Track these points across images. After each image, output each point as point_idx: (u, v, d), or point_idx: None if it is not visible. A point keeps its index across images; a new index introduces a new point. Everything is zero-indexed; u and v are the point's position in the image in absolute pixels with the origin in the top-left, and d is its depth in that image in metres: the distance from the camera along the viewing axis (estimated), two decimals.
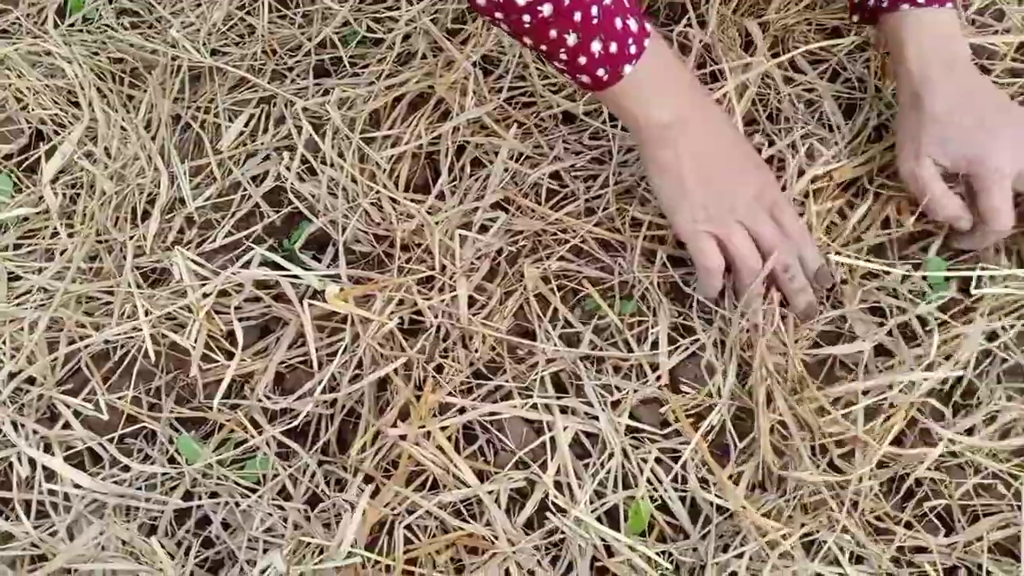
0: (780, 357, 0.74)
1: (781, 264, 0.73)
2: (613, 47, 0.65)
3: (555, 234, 0.83)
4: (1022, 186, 0.73)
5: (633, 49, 0.66)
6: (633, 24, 0.67)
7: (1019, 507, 0.67)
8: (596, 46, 0.65)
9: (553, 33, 0.64)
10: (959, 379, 0.73)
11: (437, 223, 0.81)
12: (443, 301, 0.78)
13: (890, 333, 0.76)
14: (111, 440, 0.75)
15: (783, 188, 0.80)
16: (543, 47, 0.66)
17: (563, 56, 0.66)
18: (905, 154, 0.76)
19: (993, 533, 0.67)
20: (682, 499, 0.72)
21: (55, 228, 0.87)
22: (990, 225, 0.73)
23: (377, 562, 0.67)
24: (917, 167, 0.75)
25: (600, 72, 0.66)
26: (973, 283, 0.75)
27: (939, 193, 0.75)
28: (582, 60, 0.65)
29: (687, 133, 0.71)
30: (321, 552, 0.67)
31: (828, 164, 0.83)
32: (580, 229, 0.82)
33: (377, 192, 0.84)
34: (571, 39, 0.64)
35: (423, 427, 0.72)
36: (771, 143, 0.85)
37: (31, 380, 0.78)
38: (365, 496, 0.67)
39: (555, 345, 0.77)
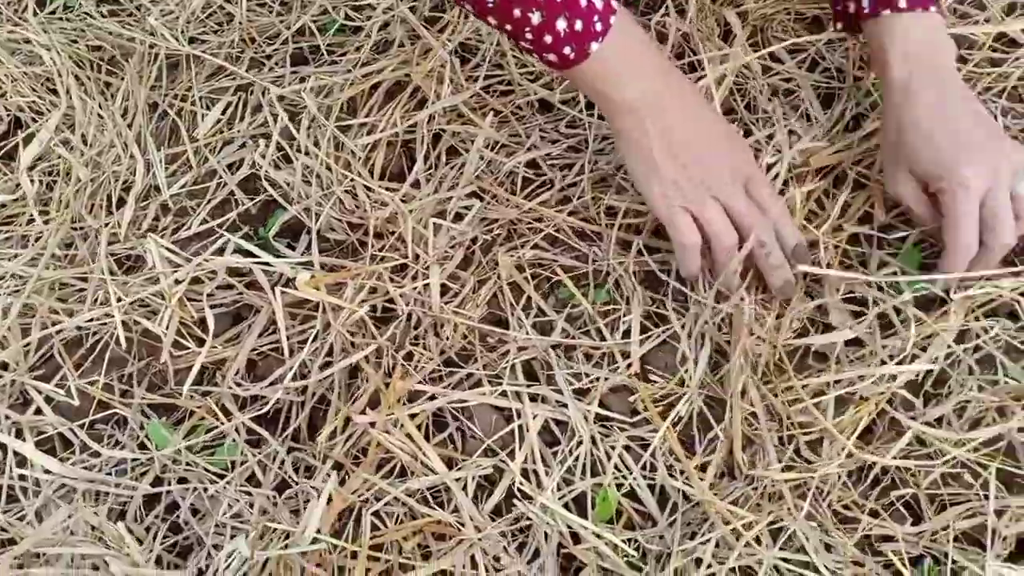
0: (756, 345, 0.74)
1: (757, 240, 0.73)
2: (578, 25, 0.65)
3: (530, 223, 0.83)
4: (983, 210, 0.70)
5: (599, 26, 0.66)
6: (598, 1, 0.66)
7: (986, 496, 0.67)
8: (561, 24, 0.64)
9: (517, 12, 0.64)
10: (934, 360, 0.73)
11: (410, 211, 0.81)
12: (415, 289, 0.78)
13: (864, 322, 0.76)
14: (81, 426, 0.75)
15: (774, 178, 0.81)
16: (508, 27, 0.65)
17: (528, 35, 0.65)
18: (887, 171, 0.76)
19: (960, 522, 0.67)
20: (651, 487, 0.71)
21: (31, 215, 0.87)
22: (947, 243, 0.71)
23: (343, 548, 0.67)
24: (898, 185, 0.75)
25: (566, 50, 0.66)
26: (953, 288, 0.74)
27: (921, 209, 0.74)
28: (547, 39, 0.65)
29: (656, 110, 0.70)
30: (287, 538, 0.67)
31: (804, 150, 0.82)
32: (555, 218, 0.82)
33: (351, 180, 0.83)
34: (535, 18, 0.64)
35: (391, 415, 0.72)
36: (748, 133, 0.85)
37: (3, 366, 0.79)
38: (331, 482, 0.67)
39: (527, 333, 0.77)
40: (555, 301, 0.80)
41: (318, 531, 0.66)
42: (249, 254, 0.77)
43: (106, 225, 0.84)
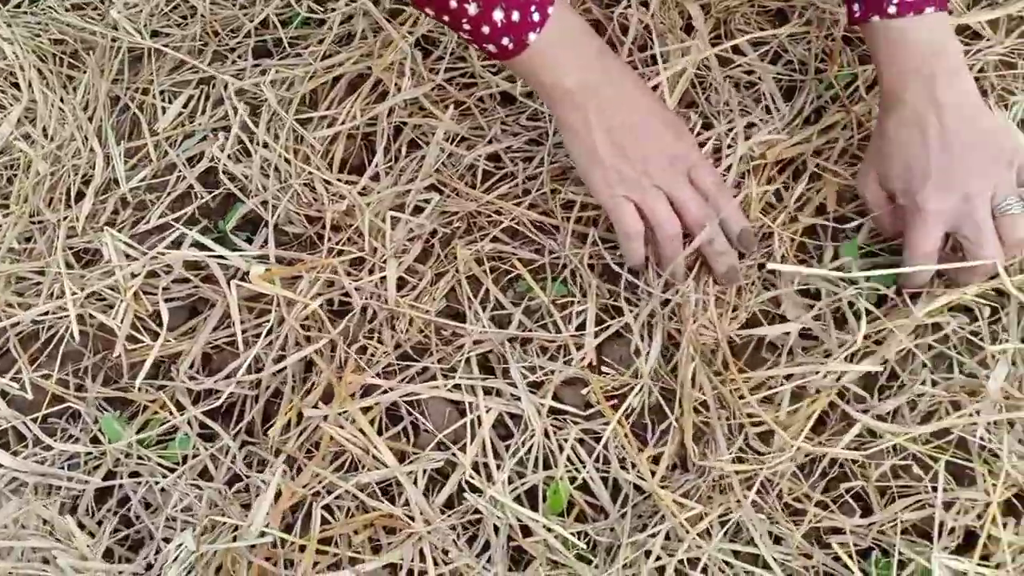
0: (709, 336, 0.74)
1: (699, 227, 0.73)
2: (515, 15, 0.65)
3: (490, 216, 0.83)
4: (960, 236, 0.69)
5: (536, 17, 0.66)
6: None
7: (935, 488, 0.67)
8: (498, 15, 0.64)
9: (453, 3, 0.63)
10: (884, 361, 0.73)
11: (368, 204, 0.81)
12: (372, 282, 0.78)
13: (819, 318, 0.76)
14: (35, 420, 0.75)
15: (727, 169, 0.81)
16: (445, 17, 0.65)
17: (466, 26, 0.65)
18: (861, 167, 0.76)
19: (908, 514, 0.67)
20: (604, 480, 0.71)
21: None
22: (907, 259, 0.71)
23: (292, 542, 0.67)
24: (864, 185, 0.74)
25: (505, 41, 0.66)
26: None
27: (880, 216, 0.74)
28: (485, 29, 0.65)
29: (598, 99, 0.70)
30: (236, 531, 0.67)
31: (762, 142, 0.82)
32: (513, 211, 0.82)
33: (309, 173, 0.83)
34: (472, 8, 0.64)
35: (344, 411, 0.72)
36: (709, 126, 0.85)
37: None
38: (277, 475, 0.67)
39: (483, 326, 0.77)
40: (514, 294, 0.80)
41: (267, 525, 0.66)
42: (205, 248, 0.77)
43: (65, 219, 0.84)
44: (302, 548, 0.67)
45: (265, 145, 0.85)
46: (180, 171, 0.87)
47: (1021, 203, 0.68)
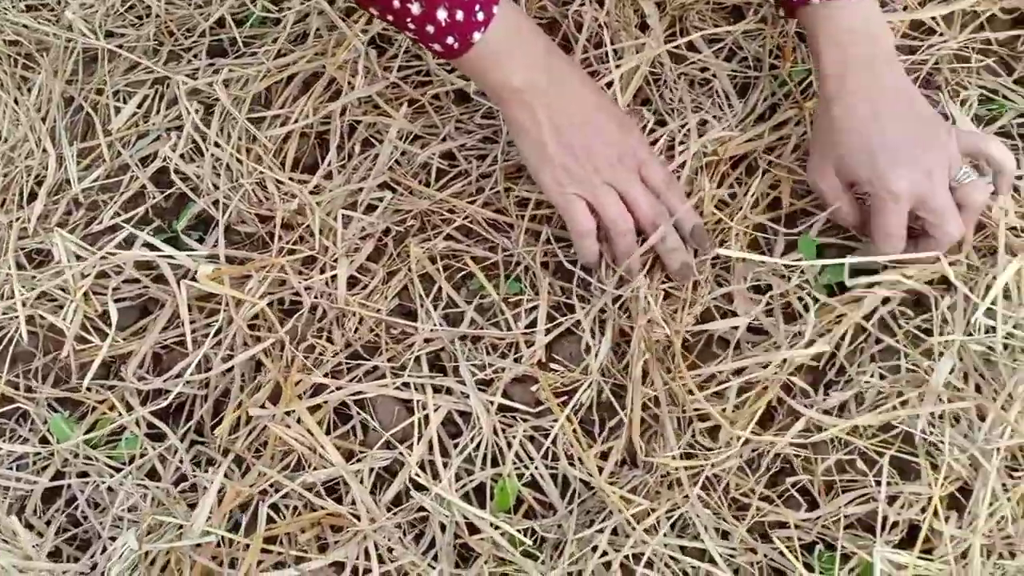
0: (660, 332, 0.74)
1: (650, 224, 0.73)
2: (459, 15, 0.64)
3: (443, 214, 0.83)
4: (924, 212, 0.69)
5: (481, 16, 0.65)
6: None
7: (879, 483, 0.67)
8: (442, 14, 0.64)
9: (396, 3, 0.63)
10: (833, 356, 0.73)
11: (319, 203, 0.80)
12: (322, 281, 0.78)
13: (771, 313, 0.76)
14: None
15: (681, 166, 0.81)
16: (389, 17, 0.65)
17: (411, 25, 0.65)
18: (811, 161, 0.75)
19: (852, 508, 0.67)
20: (553, 476, 0.71)
21: None
22: (878, 247, 0.70)
23: (236, 541, 0.67)
24: (819, 178, 0.73)
25: (450, 40, 0.66)
26: (845, 275, 0.73)
27: (840, 205, 0.73)
28: (430, 29, 0.65)
29: (545, 97, 0.70)
30: (181, 529, 0.67)
31: (715, 138, 0.82)
32: (466, 209, 0.82)
33: (260, 172, 0.83)
34: (415, 8, 0.63)
35: (292, 410, 0.71)
36: (663, 123, 0.85)
37: None
38: (219, 475, 0.67)
39: (434, 324, 0.76)
40: (467, 292, 0.80)
41: (211, 524, 0.66)
42: (155, 248, 0.77)
43: (16, 219, 0.84)
44: (247, 547, 0.67)
45: (217, 145, 0.85)
46: (133, 171, 0.87)
47: (975, 172, 0.69)
